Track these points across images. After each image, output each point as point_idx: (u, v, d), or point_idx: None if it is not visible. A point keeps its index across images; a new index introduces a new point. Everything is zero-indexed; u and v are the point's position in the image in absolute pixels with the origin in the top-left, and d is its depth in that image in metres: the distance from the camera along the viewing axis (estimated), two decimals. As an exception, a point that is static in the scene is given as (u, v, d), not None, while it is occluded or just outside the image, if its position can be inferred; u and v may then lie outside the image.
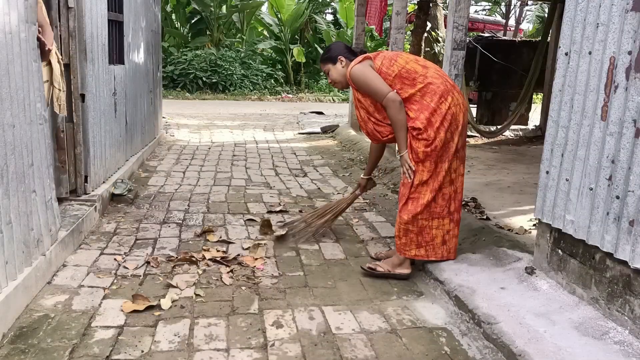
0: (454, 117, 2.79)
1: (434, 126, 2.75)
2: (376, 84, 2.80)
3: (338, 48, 3.13)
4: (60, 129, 3.47)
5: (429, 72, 2.82)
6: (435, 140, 2.76)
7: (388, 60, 2.84)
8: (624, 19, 2.17)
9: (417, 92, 2.78)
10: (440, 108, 2.76)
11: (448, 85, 2.81)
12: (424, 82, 2.78)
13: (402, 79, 2.80)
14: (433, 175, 2.83)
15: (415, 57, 2.91)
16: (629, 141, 2.14)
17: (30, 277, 2.51)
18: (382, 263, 3.02)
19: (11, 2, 2.40)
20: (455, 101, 2.81)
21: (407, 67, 2.81)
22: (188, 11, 16.86)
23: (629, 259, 2.13)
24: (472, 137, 8.52)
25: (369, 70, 2.84)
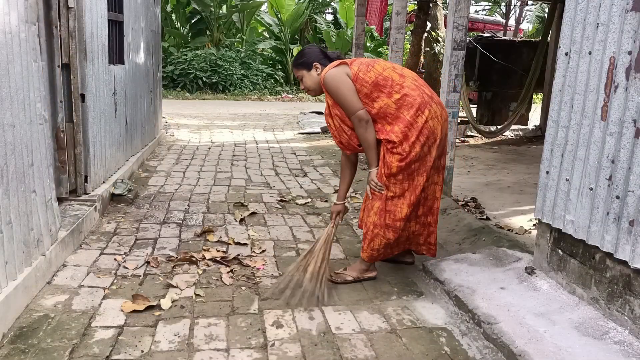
0: (431, 131, 2.68)
1: (410, 140, 2.65)
2: (349, 96, 2.67)
3: (313, 53, 2.89)
4: (60, 129, 3.47)
5: (405, 81, 2.70)
6: (410, 154, 2.66)
7: (365, 66, 2.71)
8: (623, 19, 2.17)
9: (393, 103, 2.66)
10: (417, 122, 2.65)
11: (425, 97, 2.69)
12: (400, 93, 2.66)
13: (379, 86, 2.68)
14: (410, 189, 2.74)
15: (392, 65, 2.78)
16: (629, 141, 2.14)
17: (30, 277, 2.51)
18: (349, 271, 2.93)
19: (11, 2, 2.40)
20: (433, 114, 2.69)
21: (384, 75, 2.69)
22: (188, 11, 16.87)
23: (629, 259, 2.13)
24: (472, 137, 8.53)
25: (344, 78, 2.69)
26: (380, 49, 17.94)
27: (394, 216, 2.77)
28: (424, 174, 2.75)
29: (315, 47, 2.97)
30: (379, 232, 2.79)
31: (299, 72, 2.90)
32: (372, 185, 2.78)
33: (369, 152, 2.75)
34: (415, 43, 9.14)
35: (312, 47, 2.98)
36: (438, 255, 3.33)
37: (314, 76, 2.85)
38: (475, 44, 8.95)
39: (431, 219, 2.97)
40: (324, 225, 3.89)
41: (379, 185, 2.75)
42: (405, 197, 2.75)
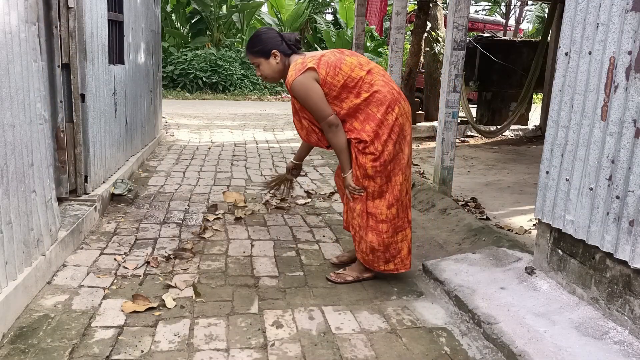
0: (401, 128, 2.66)
1: (381, 139, 2.60)
2: (318, 104, 2.59)
3: (271, 39, 2.71)
4: (60, 129, 3.47)
5: (374, 78, 2.64)
6: (383, 153, 2.61)
7: (333, 68, 2.60)
8: (623, 19, 2.17)
9: (363, 101, 2.61)
10: (387, 119, 2.61)
11: (395, 94, 2.65)
12: (369, 91, 2.61)
13: (348, 88, 2.61)
14: (388, 190, 2.70)
15: (359, 61, 2.67)
16: (629, 141, 2.14)
17: (30, 277, 2.51)
18: (349, 271, 2.91)
19: (11, 2, 2.40)
20: (402, 111, 2.66)
21: (353, 76, 2.61)
22: (188, 11, 16.87)
23: (629, 259, 2.13)
24: (472, 137, 8.53)
25: (313, 85, 2.59)
26: (380, 49, 17.94)
27: (375, 219, 2.73)
28: (400, 173, 2.72)
29: (273, 31, 2.79)
30: (363, 236, 2.77)
31: (255, 59, 2.74)
32: (350, 190, 2.74)
33: (342, 156, 2.69)
34: (415, 43, 9.13)
35: (269, 31, 2.78)
36: (438, 255, 3.34)
37: (273, 65, 2.72)
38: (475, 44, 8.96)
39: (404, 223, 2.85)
40: (324, 225, 3.89)
41: (357, 189, 2.71)
42: (385, 199, 2.71)
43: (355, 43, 8.37)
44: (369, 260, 2.82)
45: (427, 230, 3.84)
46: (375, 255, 2.80)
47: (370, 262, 2.83)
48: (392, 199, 2.72)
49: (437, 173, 4.47)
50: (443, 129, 4.37)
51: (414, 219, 4.08)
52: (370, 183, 2.68)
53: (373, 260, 2.82)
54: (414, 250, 3.46)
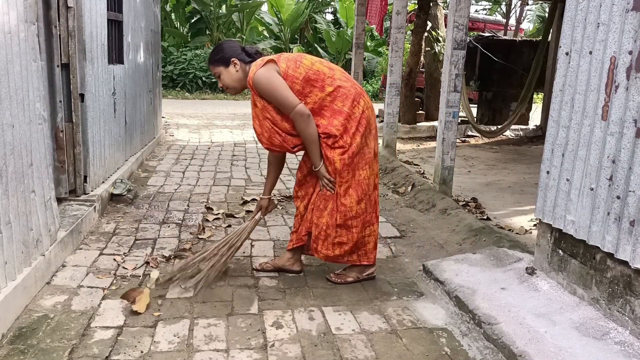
0: (368, 121, 2.66)
1: (350, 132, 2.60)
2: (284, 93, 2.54)
3: (231, 48, 2.73)
4: (60, 128, 3.46)
5: (335, 74, 2.64)
6: (351, 146, 2.60)
7: (293, 62, 2.60)
8: (624, 19, 2.17)
9: (327, 95, 2.60)
10: (354, 112, 2.61)
11: (357, 88, 2.67)
12: (333, 85, 2.60)
13: (311, 81, 2.59)
14: (353, 185, 2.68)
15: (319, 59, 2.70)
16: (630, 141, 2.13)
17: (29, 278, 2.51)
18: (348, 271, 2.89)
19: (10, 2, 2.40)
20: (367, 104, 2.68)
21: (314, 69, 2.60)
22: (188, 11, 16.87)
23: (629, 259, 2.12)
24: (473, 137, 8.53)
25: (275, 76, 2.55)
26: (380, 49, 17.93)
27: (345, 215, 2.70)
28: (366, 167, 2.70)
29: (233, 42, 2.81)
30: (330, 233, 2.73)
31: (216, 68, 2.73)
32: (324, 182, 2.69)
33: (313, 148, 2.63)
34: (415, 43, 9.13)
35: (230, 42, 2.81)
36: (438, 255, 3.33)
37: (233, 73, 2.71)
38: (476, 43, 8.95)
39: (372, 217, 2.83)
40: (324, 225, 3.88)
41: (332, 181, 2.67)
42: (352, 195, 2.69)
43: (355, 43, 8.36)
44: (335, 256, 2.79)
45: (428, 230, 3.84)
46: (343, 250, 2.77)
47: (336, 258, 2.80)
48: (361, 193, 2.70)
49: (438, 173, 4.46)
50: (443, 129, 4.37)
51: (413, 219, 4.07)
52: (338, 178, 2.66)
53: (339, 256, 2.79)
54: (414, 251, 3.46)
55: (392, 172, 5.42)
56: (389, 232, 3.79)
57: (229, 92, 2.78)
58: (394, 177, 5.27)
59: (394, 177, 5.26)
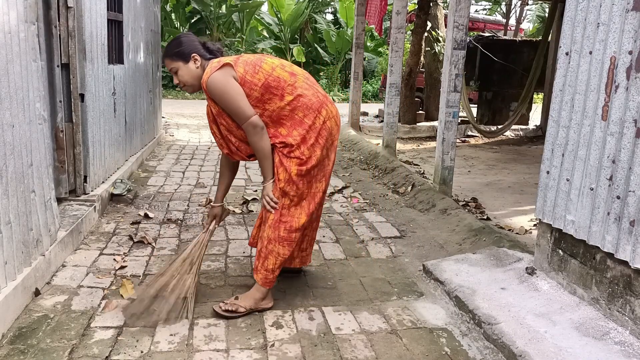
0: (329, 132, 2.49)
1: (308, 143, 2.42)
2: (237, 102, 2.35)
3: (191, 43, 2.49)
4: (60, 128, 3.46)
5: (297, 81, 2.45)
6: (310, 158, 2.43)
7: (252, 66, 2.40)
8: (624, 19, 2.17)
9: (287, 105, 2.41)
10: (315, 124, 2.43)
11: (320, 97, 2.48)
12: (293, 94, 2.41)
13: (271, 88, 2.40)
14: (308, 197, 2.50)
15: (281, 63, 2.49)
16: (630, 141, 2.13)
17: (29, 278, 2.51)
18: (241, 301, 2.51)
19: (10, 2, 2.40)
20: (329, 114, 2.49)
21: (274, 75, 2.41)
22: (188, 11, 16.87)
23: (629, 259, 2.12)
24: (473, 137, 8.53)
25: (231, 82, 2.36)
26: (380, 49, 17.93)
27: (289, 227, 2.48)
28: (323, 180, 2.55)
29: (192, 35, 2.57)
30: (272, 249, 2.49)
31: (173, 63, 2.47)
32: (266, 200, 2.48)
33: (265, 163, 2.47)
34: (415, 43, 9.13)
35: (190, 35, 2.56)
36: (438, 255, 3.33)
37: (193, 70, 2.46)
38: (476, 43, 8.95)
39: (316, 224, 2.73)
40: (324, 226, 3.88)
41: (273, 201, 2.47)
42: (303, 207, 2.49)
43: (355, 43, 8.37)
44: (273, 278, 2.53)
45: (428, 230, 3.84)
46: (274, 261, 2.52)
47: (273, 280, 2.54)
48: (313, 206, 2.53)
49: (438, 173, 4.46)
50: (443, 129, 4.37)
51: (413, 219, 4.07)
52: (292, 189, 2.45)
53: (276, 277, 2.56)
54: (414, 251, 3.46)
55: (392, 172, 5.42)
56: (389, 232, 3.79)
57: (185, 90, 2.52)
58: (394, 177, 5.27)
59: (394, 177, 5.26)
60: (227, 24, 17.54)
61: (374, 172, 5.73)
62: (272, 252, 2.50)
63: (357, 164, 6.18)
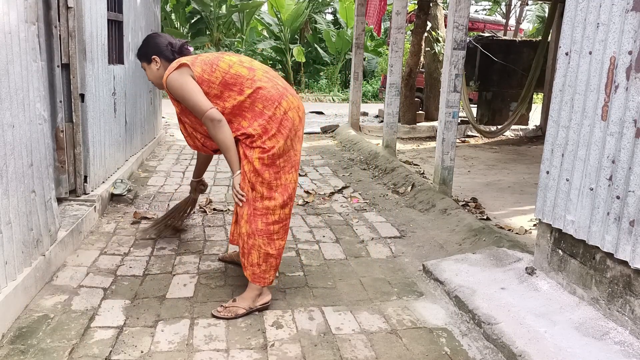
0: (291, 122, 2.50)
1: (269, 133, 2.44)
2: (195, 98, 2.43)
3: (154, 44, 2.66)
4: (60, 129, 3.46)
5: (256, 75, 2.49)
6: (272, 148, 2.44)
7: (209, 65, 2.47)
8: (624, 19, 2.17)
9: (247, 98, 2.45)
10: (276, 114, 2.45)
11: (280, 89, 2.50)
12: (252, 87, 2.45)
13: (228, 85, 2.45)
14: (279, 189, 2.50)
15: (239, 59, 2.55)
16: (630, 141, 2.13)
17: (29, 278, 2.51)
18: (239, 302, 2.52)
19: (10, 2, 2.40)
20: (290, 105, 2.50)
21: (232, 72, 2.46)
22: (188, 11, 16.87)
23: (629, 259, 2.12)
24: (473, 137, 8.53)
25: (188, 81, 2.44)
26: (380, 49, 17.94)
27: (265, 220, 2.49)
28: (292, 171, 2.56)
29: (161, 36, 2.71)
30: (253, 243, 2.50)
31: (142, 63, 2.76)
32: (234, 193, 2.52)
33: (228, 155, 2.48)
34: (415, 43, 9.13)
35: (155, 37, 2.70)
36: (438, 255, 3.34)
37: (154, 70, 2.70)
38: (476, 43, 8.96)
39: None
40: (324, 226, 3.88)
41: (240, 194, 2.49)
42: (276, 198, 2.49)
43: (355, 43, 8.37)
44: (261, 273, 2.53)
45: (427, 230, 3.84)
46: (268, 264, 2.54)
47: (262, 275, 2.54)
48: (287, 197, 2.53)
49: (438, 173, 4.47)
50: (443, 129, 4.37)
51: (413, 219, 4.08)
52: (258, 179, 2.45)
53: (265, 271, 2.54)
54: (414, 251, 3.46)
55: (392, 172, 5.42)
56: (389, 232, 3.79)
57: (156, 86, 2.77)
58: (394, 177, 5.27)
59: (394, 177, 5.26)
60: (227, 24, 17.55)
61: (374, 172, 5.74)
62: (253, 246, 2.51)
63: (357, 164, 6.18)
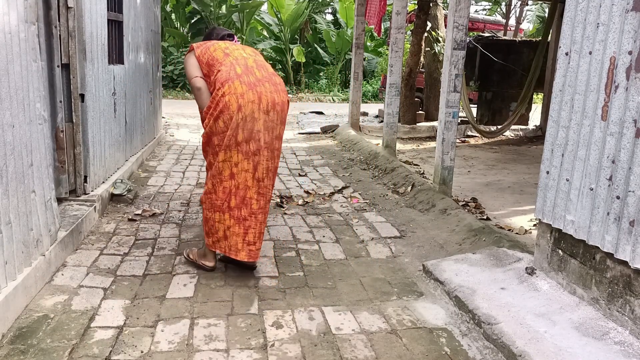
0: (226, 105, 2.73)
1: (209, 111, 2.82)
2: (188, 69, 3.02)
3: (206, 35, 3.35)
4: (60, 129, 3.46)
5: (226, 60, 2.91)
6: (208, 124, 2.83)
7: (204, 49, 3.01)
8: (624, 19, 2.17)
9: (214, 78, 2.88)
10: (217, 95, 2.78)
11: (231, 74, 2.80)
12: (219, 69, 2.87)
13: (210, 65, 2.93)
14: (213, 163, 2.85)
15: (225, 46, 3.01)
16: (630, 141, 2.13)
17: (29, 278, 2.51)
18: (196, 250, 3.10)
19: (10, 2, 2.40)
20: (232, 90, 2.74)
21: (213, 55, 2.95)
22: (188, 11, 16.86)
23: (629, 259, 2.12)
24: (473, 137, 8.53)
25: (190, 58, 3.04)
26: (380, 49, 17.93)
27: (206, 187, 2.91)
28: (222, 151, 2.78)
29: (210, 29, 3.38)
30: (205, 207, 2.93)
31: None
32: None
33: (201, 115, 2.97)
34: (415, 43, 9.13)
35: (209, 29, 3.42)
36: (438, 255, 3.33)
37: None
38: (476, 43, 8.95)
39: (246, 212, 2.84)
40: (324, 226, 3.88)
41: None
42: (214, 176, 2.85)
43: (355, 43, 8.37)
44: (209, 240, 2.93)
45: (428, 230, 3.84)
46: (207, 226, 2.93)
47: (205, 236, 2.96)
48: (215, 172, 2.84)
49: (438, 173, 4.47)
50: (443, 129, 4.37)
51: (413, 219, 4.08)
52: (205, 148, 2.94)
53: (206, 233, 2.95)
54: (414, 251, 3.46)
55: (392, 172, 5.42)
56: (389, 232, 3.79)
57: None
58: (394, 177, 5.27)
59: (394, 177, 5.26)
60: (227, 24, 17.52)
61: (374, 172, 5.74)
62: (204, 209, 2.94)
63: (357, 164, 6.18)
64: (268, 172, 2.87)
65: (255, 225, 2.86)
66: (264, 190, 2.87)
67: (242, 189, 2.83)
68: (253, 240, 2.86)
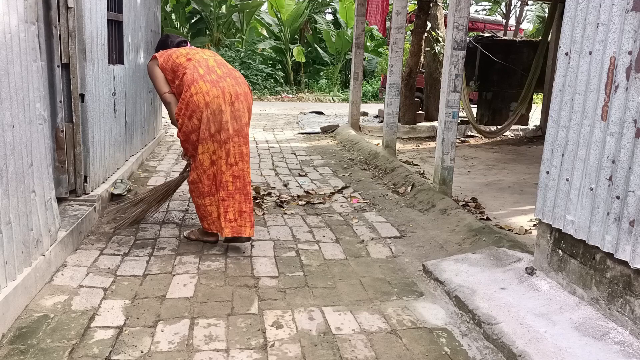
0: (195, 104, 3.08)
1: (181, 112, 3.14)
2: (157, 84, 3.30)
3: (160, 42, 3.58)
4: (60, 129, 3.46)
5: (189, 64, 3.17)
6: (182, 125, 3.16)
7: (166, 57, 3.27)
8: (624, 19, 2.17)
9: (180, 82, 3.16)
10: (185, 96, 3.10)
11: (195, 75, 3.11)
12: (184, 73, 3.15)
13: (174, 72, 3.21)
14: (195, 156, 3.19)
15: (187, 52, 3.28)
16: (630, 141, 2.13)
17: (29, 278, 2.51)
18: (197, 230, 3.44)
19: (10, 2, 2.40)
20: (198, 89, 3.08)
21: (177, 62, 3.21)
22: (188, 11, 16.86)
23: (629, 259, 2.12)
24: (473, 137, 8.53)
25: (154, 69, 3.30)
26: (380, 49, 17.93)
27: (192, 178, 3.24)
28: (200, 144, 3.14)
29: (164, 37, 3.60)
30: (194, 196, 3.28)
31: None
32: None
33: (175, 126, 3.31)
34: (415, 43, 9.13)
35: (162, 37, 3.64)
36: (438, 255, 3.33)
37: None
38: (476, 43, 8.95)
39: (224, 194, 3.18)
40: (324, 226, 3.88)
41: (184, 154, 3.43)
42: (197, 167, 3.19)
43: (355, 43, 8.36)
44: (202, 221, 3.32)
45: (428, 230, 3.84)
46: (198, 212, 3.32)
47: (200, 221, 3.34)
48: (197, 163, 3.19)
49: (438, 173, 4.47)
50: (443, 129, 4.37)
51: (413, 219, 4.08)
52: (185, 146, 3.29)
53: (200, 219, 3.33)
54: (414, 251, 3.46)
55: (392, 172, 5.42)
56: (389, 232, 3.79)
57: None
58: (394, 177, 5.27)
59: (394, 177, 5.26)
60: (227, 24, 17.53)
61: (374, 172, 5.74)
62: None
63: (357, 164, 6.18)
64: (242, 157, 3.20)
65: (233, 204, 3.18)
66: (238, 173, 3.18)
67: (218, 173, 3.18)
68: (233, 217, 3.18)
